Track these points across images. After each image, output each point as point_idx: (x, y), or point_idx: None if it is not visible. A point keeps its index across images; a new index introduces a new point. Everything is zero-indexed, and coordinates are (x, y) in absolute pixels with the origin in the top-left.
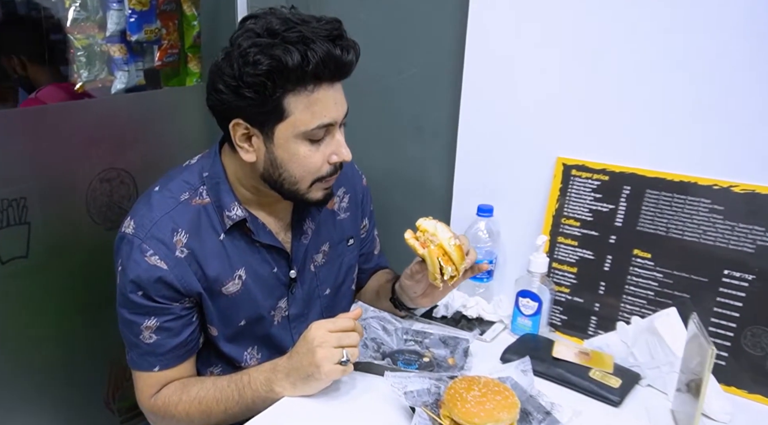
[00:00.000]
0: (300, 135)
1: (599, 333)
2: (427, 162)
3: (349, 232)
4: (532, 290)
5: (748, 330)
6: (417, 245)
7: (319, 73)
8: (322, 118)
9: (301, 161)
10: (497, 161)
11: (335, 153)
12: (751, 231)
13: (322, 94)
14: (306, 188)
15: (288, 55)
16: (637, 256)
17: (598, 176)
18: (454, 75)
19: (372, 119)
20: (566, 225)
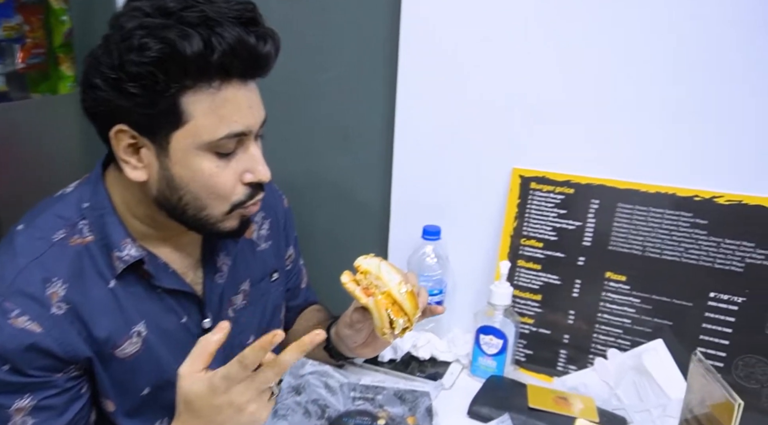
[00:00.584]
0: (203, 146)
1: (570, 368)
2: (358, 177)
3: (272, 265)
4: (494, 326)
5: (739, 360)
6: (359, 292)
7: (228, 65)
8: (231, 124)
9: (207, 180)
10: (443, 174)
11: (249, 171)
12: (739, 247)
13: (232, 94)
14: (221, 215)
15: (186, 39)
16: (610, 279)
17: (561, 189)
18: (388, 74)
19: (288, 126)
20: (527, 247)
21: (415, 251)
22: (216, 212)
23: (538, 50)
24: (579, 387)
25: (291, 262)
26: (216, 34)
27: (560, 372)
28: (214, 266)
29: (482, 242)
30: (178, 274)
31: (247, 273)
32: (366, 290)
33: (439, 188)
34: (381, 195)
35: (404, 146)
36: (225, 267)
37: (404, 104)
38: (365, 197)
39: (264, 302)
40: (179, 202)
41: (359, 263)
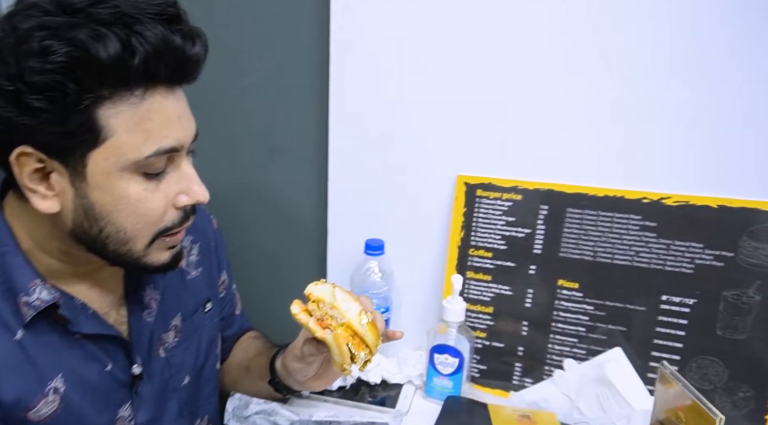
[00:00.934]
0: (128, 167)
1: (526, 381)
2: (290, 190)
3: (204, 294)
4: (449, 344)
5: (693, 362)
6: (313, 324)
7: (152, 70)
8: (160, 140)
9: (134, 207)
10: (383, 184)
11: (183, 192)
12: (689, 249)
13: (158, 104)
14: (143, 248)
15: (100, 41)
16: (563, 287)
17: (509, 196)
18: (318, 77)
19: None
20: (475, 257)
21: (357, 268)
22: (138, 247)
23: (479, 51)
24: (539, 402)
25: (224, 288)
26: (136, 34)
27: (516, 386)
28: (141, 303)
29: (428, 255)
30: (99, 315)
31: (177, 307)
32: (321, 322)
33: (381, 200)
34: (316, 209)
35: (340, 155)
36: (154, 303)
37: (338, 110)
38: (299, 211)
39: (198, 336)
40: (100, 234)
41: (310, 291)
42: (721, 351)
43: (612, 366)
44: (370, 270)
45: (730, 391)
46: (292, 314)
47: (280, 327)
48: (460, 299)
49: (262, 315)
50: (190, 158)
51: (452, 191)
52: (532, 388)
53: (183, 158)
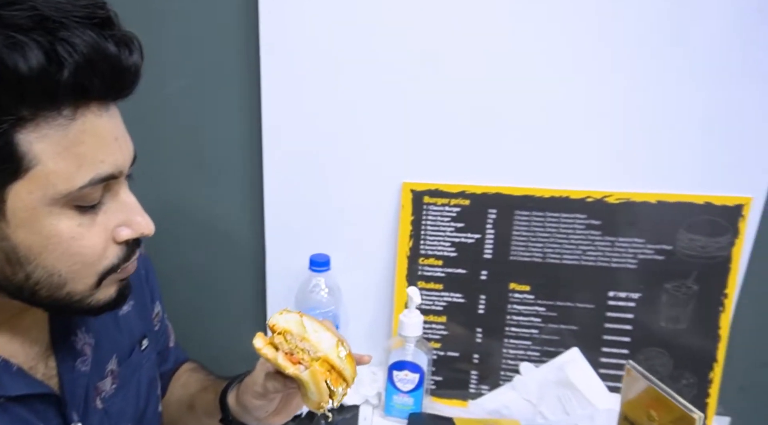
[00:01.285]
0: (59, 200)
1: (482, 388)
2: (221, 206)
3: (139, 330)
4: (408, 360)
5: (640, 355)
6: (283, 361)
7: (84, 85)
8: (96, 166)
9: (67, 247)
10: (325, 196)
11: (126, 224)
12: (631, 245)
13: (91, 125)
14: (88, 289)
15: (17, 50)
16: (515, 290)
17: (456, 201)
18: (248, 86)
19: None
20: (426, 266)
21: (302, 286)
22: (80, 288)
23: (418, 55)
24: (500, 409)
25: (158, 321)
26: (62, 42)
27: (473, 394)
28: (73, 350)
29: (376, 267)
30: (24, 371)
31: (112, 349)
32: (290, 356)
33: (323, 213)
34: (252, 226)
35: (276, 166)
36: (88, 348)
37: (271, 119)
38: (233, 229)
39: (137, 379)
40: (27, 281)
41: (275, 321)
42: (665, 342)
43: (572, 367)
44: (317, 287)
45: (674, 379)
46: (256, 348)
47: (218, 354)
48: (417, 312)
49: (197, 344)
50: (126, 183)
51: (398, 199)
52: (490, 395)
53: (122, 184)
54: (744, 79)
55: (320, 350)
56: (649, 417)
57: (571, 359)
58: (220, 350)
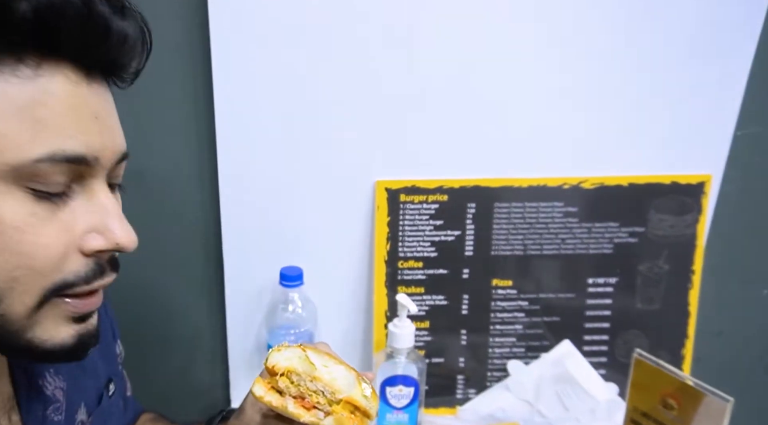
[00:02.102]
0: (6, 175)
1: (470, 392)
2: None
3: (105, 373)
4: (401, 374)
5: (620, 339)
6: (295, 409)
7: (50, 30)
8: (61, 139)
9: (9, 239)
10: (292, 202)
11: (98, 230)
12: (607, 229)
13: (61, 88)
14: (27, 312)
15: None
16: (497, 286)
17: (434, 197)
18: (198, 81)
19: None
20: (405, 270)
21: (273, 305)
22: (18, 307)
23: (386, 44)
24: (496, 413)
25: (121, 361)
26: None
27: (461, 399)
28: (42, 396)
29: (352, 275)
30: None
31: (80, 396)
32: (301, 401)
33: (289, 220)
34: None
35: (232, 172)
36: (60, 394)
37: (226, 118)
38: (183, 247)
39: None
40: None
41: (275, 361)
42: (641, 323)
43: (570, 361)
44: (292, 304)
45: None
46: (257, 397)
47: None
48: (408, 321)
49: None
50: (117, 193)
51: (372, 199)
52: (481, 399)
53: (100, 181)
54: (704, 60)
55: (338, 389)
56: (666, 405)
57: (566, 352)
58: (169, 387)
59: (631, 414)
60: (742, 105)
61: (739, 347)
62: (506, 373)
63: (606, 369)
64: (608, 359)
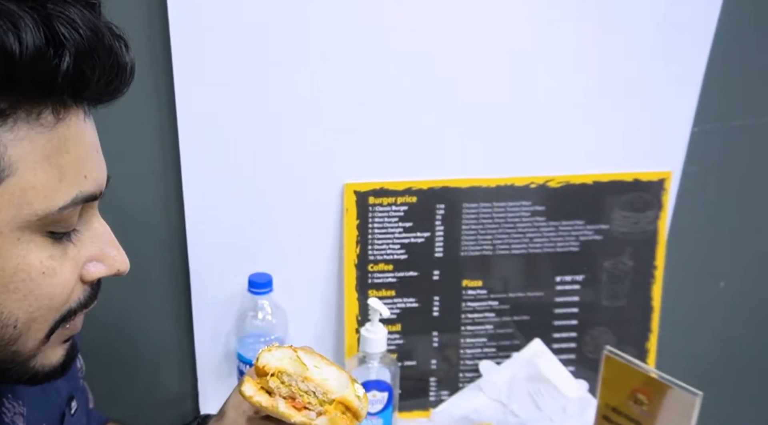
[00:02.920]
0: (32, 224)
1: (442, 395)
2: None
3: (66, 390)
4: (375, 379)
5: (587, 335)
6: (286, 409)
7: (86, 75)
8: (80, 182)
9: (35, 285)
10: (259, 207)
11: (98, 259)
12: (574, 227)
13: (76, 130)
14: (36, 346)
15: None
16: (468, 287)
17: (403, 199)
18: (158, 90)
19: None
20: (376, 273)
21: (242, 313)
22: (30, 344)
23: (351, 47)
24: (470, 415)
25: (82, 375)
26: (59, 17)
27: (434, 401)
28: (2, 424)
29: (321, 279)
30: None
31: (41, 418)
32: (292, 402)
33: (256, 226)
34: (170, 247)
35: (197, 180)
36: (20, 420)
37: (189, 126)
38: (145, 257)
39: None
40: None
41: (265, 361)
42: (608, 320)
43: (542, 360)
44: (262, 311)
45: None
46: (246, 397)
47: (133, 406)
48: (380, 325)
49: (105, 395)
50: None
51: (341, 202)
52: (454, 401)
53: (95, 209)
54: (661, 61)
55: (331, 390)
56: (637, 401)
57: (537, 351)
58: (136, 399)
59: (602, 411)
60: (698, 103)
61: (701, 340)
62: (478, 374)
63: (575, 366)
64: (576, 355)
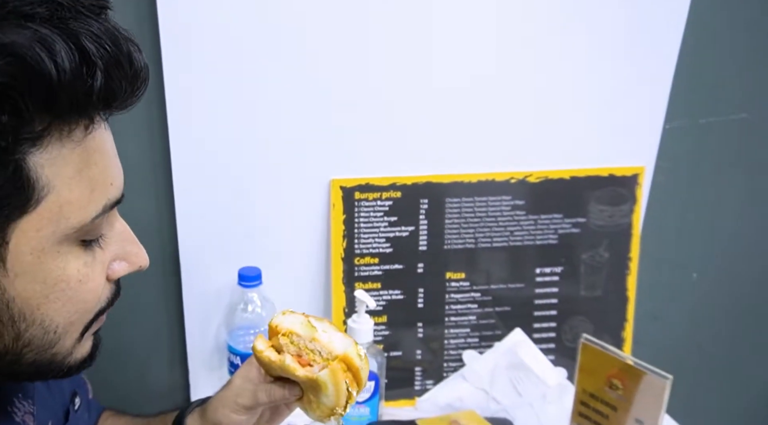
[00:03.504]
0: (69, 236)
1: (427, 384)
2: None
3: (69, 386)
4: None
5: (566, 325)
6: (292, 363)
7: (114, 90)
8: (107, 190)
9: (74, 293)
10: (246, 203)
11: (122, 257)
12: (552, 221)
13: (100, 141)
14: (71, 346)
15: (45, 47)
16: (451, 279)
17: (388, 194)
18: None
19: None
20: (362, 266)
21: (232, 306)
22: (68, 343)
23: (336, 45)
24: (453, 402)
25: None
26: (86, 36)
27: (419, 390)
28: (11, 423)
29: (309, 272)
30: None
31: (48, 416)
32: (299, 359)
33: (245, 221)
34: (161, 242)
35: (187, 177)
36: (30, 419)
37: (179, 123)
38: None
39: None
40: (15, 343)
41: (278, 321)
42: (586, 310)
43: (522, 348)
44: (251, 304)
45: None
46: (256, 351)
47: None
48: (367, 316)
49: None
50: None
51: (328, 198)
52: (439, 389)
53: (116, 211)
54: (633, 60)
55: (335, 349)
56: (612, 386)
57: (518, 340)
58: (128, 391)
59: (579, 396)
60: (669, 102)
61: (674, 329)
62: (462, 363)
63: (554, 354)
64: (556, 344)
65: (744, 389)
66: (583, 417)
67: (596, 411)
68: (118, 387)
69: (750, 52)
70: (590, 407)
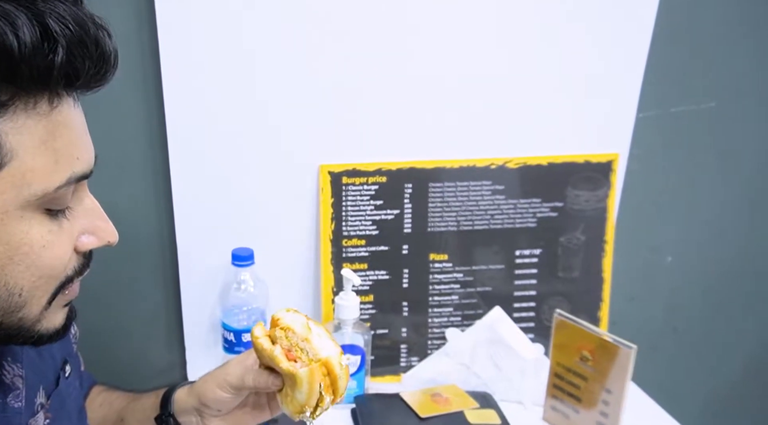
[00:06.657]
0: (32, 203)
1: (412, 360)
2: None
3: (60, 354)
4: (349, 343)
5: (545, 305)
6: (280, 354)
7: (77, 67)
8: (72, 163)
9: (36, 257)
10: (240, 186)
11: (90, 231)
12: (531, 205)
13: (67, 116)
14: (40, 312)
15: (10, 21)
16: (434, 261)
17: (374, 179)
18: (145, 72)
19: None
20: (349, 247)
21: (226, 285)
22: (35, 309)
23: (324, 34)
24: (436, 377)
25: (76, 340)
26: (50, 14)
27: (404, 367)
28: (2, 385)
29: (299, 253)
30: None
31: (38, 379)
32: (287, 353)
33: (239, 204)
34: (159, 224)
35: (184, 161)
36: (19, 382)
37: (176, 110)
38: (136, 230)
39: (68, 411)
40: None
41: (280, 316)
42: (564, 291)
43: (501, 325)
44: (244, 283)
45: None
46: (253, 336)
47: (123, 370)
48: (353, 294)
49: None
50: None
51: (316, 182)
52: (423, 366)
53: (85, 187)
54: (607, 50)
55: (322, 353)
56: (583, 358)
57: (497, 317)
58: (126, 368)
59: (554, 369)
60: (641, 91)
61: (650, 309)
62: (445, 341)
63: (533, 333)
64: (535, 323)
65: (716, 366)
66: (558, 389)
67: (570, 383)
68: (117, 365)
69: (718, 43)
70: (564, 379)
